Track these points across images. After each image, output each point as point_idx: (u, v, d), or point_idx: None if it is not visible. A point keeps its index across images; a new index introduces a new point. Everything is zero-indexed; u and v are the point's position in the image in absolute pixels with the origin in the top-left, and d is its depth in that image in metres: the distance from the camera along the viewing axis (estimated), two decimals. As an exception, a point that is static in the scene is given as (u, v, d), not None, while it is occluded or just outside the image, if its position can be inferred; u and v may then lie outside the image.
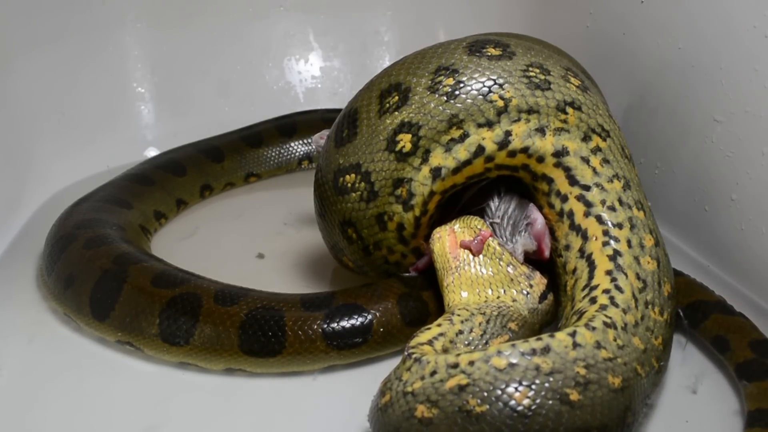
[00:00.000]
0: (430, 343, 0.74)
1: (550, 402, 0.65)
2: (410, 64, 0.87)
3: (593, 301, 0.78)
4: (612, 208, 0.83)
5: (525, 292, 0.84)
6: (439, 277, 0.87)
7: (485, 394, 0.65)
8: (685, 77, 1.07)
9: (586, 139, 0.84)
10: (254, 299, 0.90)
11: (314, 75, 1.71)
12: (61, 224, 1.11)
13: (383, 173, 0.86)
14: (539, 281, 0.86)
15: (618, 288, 0.79)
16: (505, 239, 0.87)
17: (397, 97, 0.85)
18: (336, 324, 0.88)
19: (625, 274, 0.80)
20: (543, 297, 0.85)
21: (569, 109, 0.83)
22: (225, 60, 1.65)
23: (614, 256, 0.81)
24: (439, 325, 0.77)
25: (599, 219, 0.83)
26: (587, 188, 0.84)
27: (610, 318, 0.75)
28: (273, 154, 1.48)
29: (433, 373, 0.68)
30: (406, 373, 0.70)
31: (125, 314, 0.92)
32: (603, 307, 0.77)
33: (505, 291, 0.83)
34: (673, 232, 1.14)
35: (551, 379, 0.66)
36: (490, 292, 0.83)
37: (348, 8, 1.71)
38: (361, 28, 1.73)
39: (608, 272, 0.80)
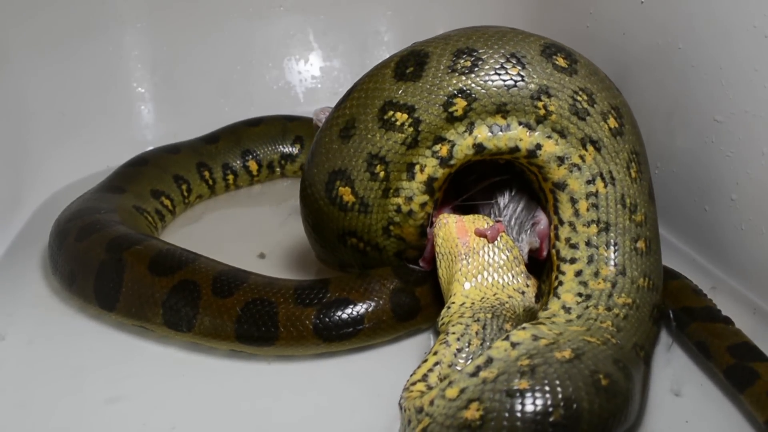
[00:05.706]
0: (423, 378, 0.74)
1: (498, 402, 0.65)
2: (490, 36, 0.89)
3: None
4: (574, 246, 0.87)
5: (522, 290, 0.85)
6: (439, 263, 0.87)
7: (444, 429, 0.65)
8: (685, 77, 1.07)
9: (590, 182, 0.87)
10: (251, 288, 0.92)
11: (314, 75, 1.71)
12: (57, 222, 1.12)
13: (431, 126, 0.88)
14: (534, 283, 0.88)
15: (545, 308, 0.85)
16: (512, 238, 0.89)
17: (469, 62, 0.87)
18: (328, 320, 0.90)
19: (558, 297, 0.85)
20: (538, 299, 0.87)
21: (590, 147, 0.86)
22: (225, 60, 1.65)
23: (557, 286, 0.87)
24: (435, 353, 0.77)
25: (558, 253, 0.88)
26: (561, 223, 0.88)
27: (535, 320, 0.82)
28: (270, 131, 1.46)
29: (409, 422, 0.69)
30: (401, 426, 0.71)
31: (130, 304, 0.95)
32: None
33: (505, 286, 0.84)
34: (673, 232, 1.14)
35: (497, 381, 0.66)
36: (491, 281, 0.84)
37: (348, 8, 1.71)
38: (361, 28, 1.73)
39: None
